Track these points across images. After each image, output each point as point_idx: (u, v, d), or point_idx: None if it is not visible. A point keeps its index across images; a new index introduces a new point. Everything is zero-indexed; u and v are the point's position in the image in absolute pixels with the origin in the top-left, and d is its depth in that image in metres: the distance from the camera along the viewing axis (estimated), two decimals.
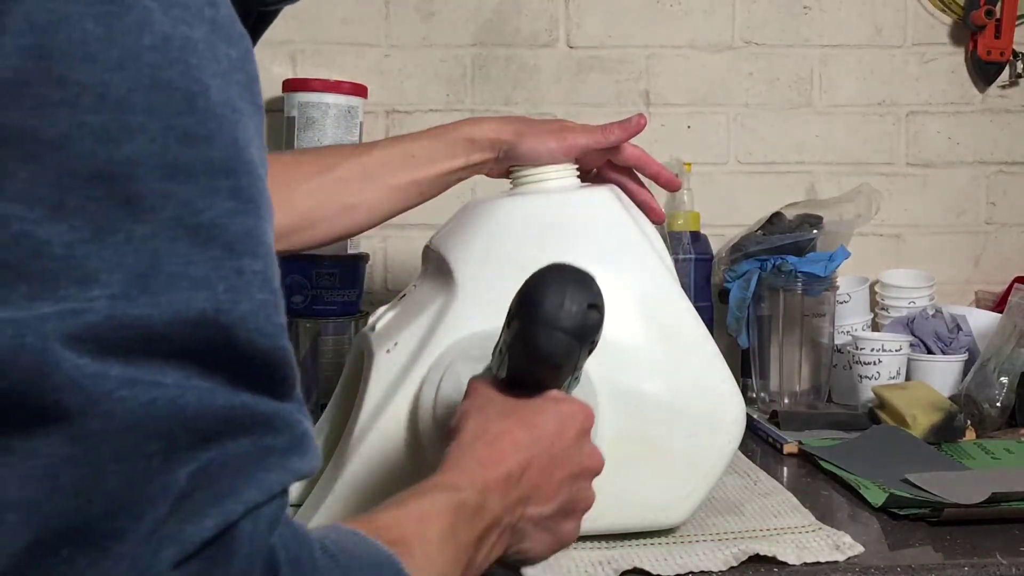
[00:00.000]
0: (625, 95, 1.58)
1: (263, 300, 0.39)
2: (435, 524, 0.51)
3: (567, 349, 0.61)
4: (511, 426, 0.60)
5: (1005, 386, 1.28)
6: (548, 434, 0.61)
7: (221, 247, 0.37)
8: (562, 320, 0.61)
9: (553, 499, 0.61)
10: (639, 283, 0.89)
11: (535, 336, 0.61)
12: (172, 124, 0.37)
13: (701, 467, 0.86)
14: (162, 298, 0.35)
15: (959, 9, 1.60)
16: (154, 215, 0.36)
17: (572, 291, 0.62)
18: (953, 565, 0.82)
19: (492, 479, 0.56)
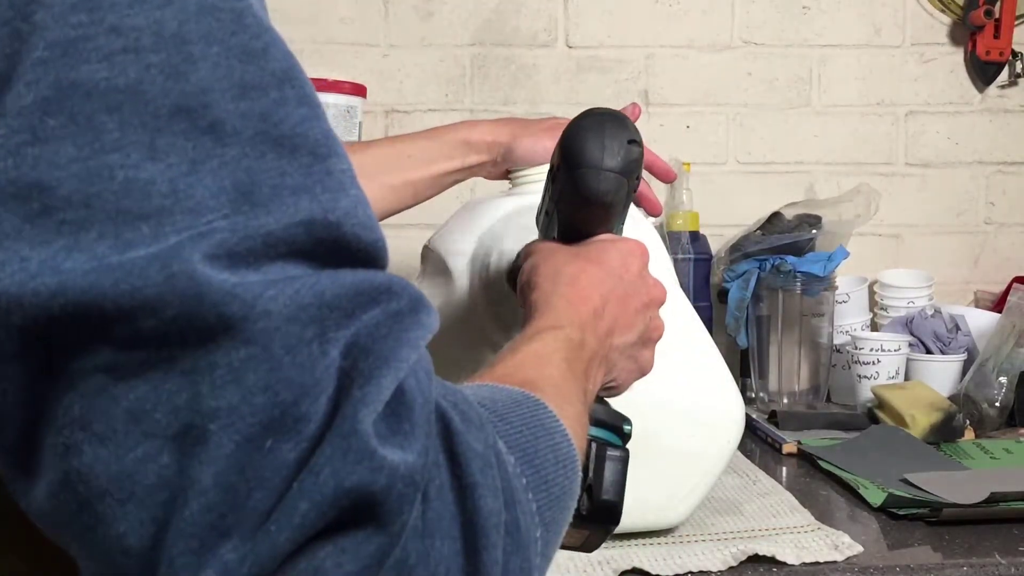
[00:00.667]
0: (624, 95, 1.58)
1: (357, 195, 0.40)
2: (553, 361, 0.54)
3: (616, 186, 0.63)
4: (584, 265, 0.63)
5: (1004, 386, 1.28)
6: (616, 269, 0.63)
7: (307, 153, 0.39)
8: (607, 159, 0.63)
9: (632, 328, 0.63)
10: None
11: (585, 178, 0.63)
12: (230, 45, 0.38)
13: (700, 467, 0.87)
14: (272, 207, 0.37)
15: (958, 9, 1.60)
16: (238, 136, 0.37)
17: (611, 130, 0.64)
18: (952, 565, 0.82)
19: (584, 315, 0.59)
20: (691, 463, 0.86)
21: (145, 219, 0.35)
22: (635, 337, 0.64)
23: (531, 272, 0.64)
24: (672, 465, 0.86)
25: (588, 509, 0.59)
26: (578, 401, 0.54)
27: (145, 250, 0.35)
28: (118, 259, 0.35)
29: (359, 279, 0.39)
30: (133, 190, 0.35)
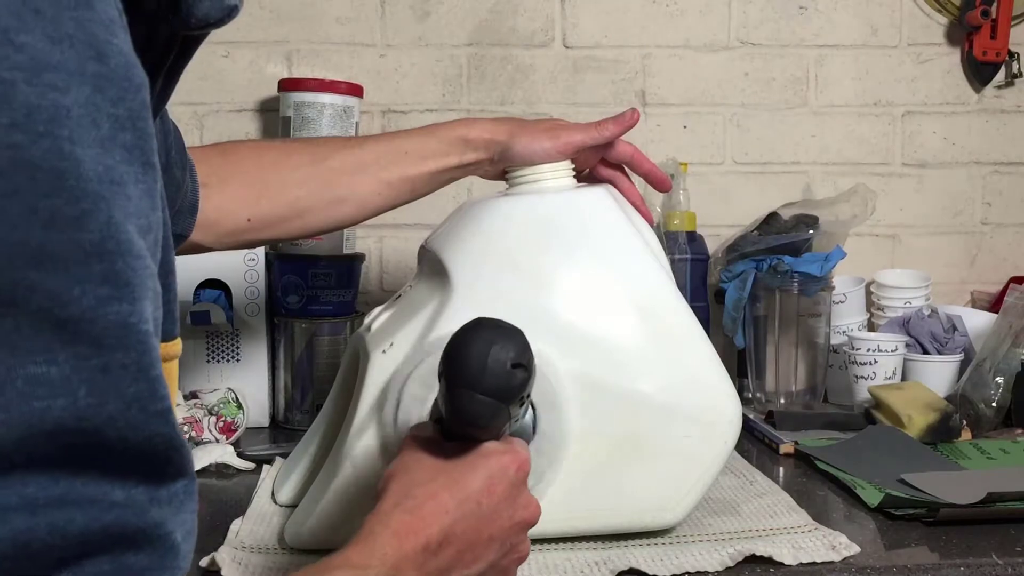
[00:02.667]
0: (621, 95, 1.58)
1: (135, 392, 0.36)
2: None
3: (492, 411, 0.60)
4: (436, 489, 0.59)
5: (1001, 386, 1.28)
6: (475, 493, 0.60)
7: (88, 343, 0.35)
8: (485, 382, 0.59)
9: (481, 558, 0.60)
10: (635, 283, 0.89)
11: (459, 399, 0.60)
12: (37, 207, 0.34)
13: (697, 467, 0.86)
14: (14, 411, 0.33)
15: (955, 9, 1.60)
16: (16, 308, 0.33)
17: (496, 351, 0.59)
18: (949, 565, 0.82)
19: (408, 551, 0.56)
20: (688, 464, 0.86)
21: None
22: (483, 566, 0.61)
23: (385, 480, 0.61)
24: (669, 466, 0.86)
25: None
26: None
27: None
28: None
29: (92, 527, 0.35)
30: None
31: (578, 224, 0.90)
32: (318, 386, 1.33)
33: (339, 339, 1.34)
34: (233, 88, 1.52)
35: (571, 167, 0.99)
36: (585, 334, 0.86)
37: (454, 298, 0.86)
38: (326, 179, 0.95)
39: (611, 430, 0.84)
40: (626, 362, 0.86)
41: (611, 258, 0.89)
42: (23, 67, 0.33)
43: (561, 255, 0.88)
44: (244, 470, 1.12)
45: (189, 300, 1.31)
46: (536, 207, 0.93)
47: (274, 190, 0.93)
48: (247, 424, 1.24)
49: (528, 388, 0.62)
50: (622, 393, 0.85)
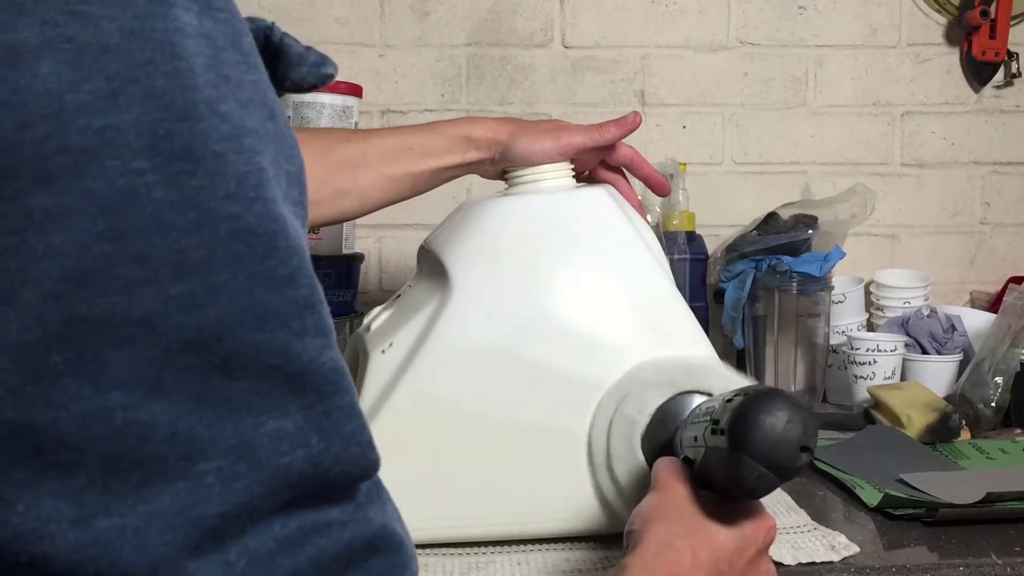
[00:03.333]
0: (620, 95, 1.58)
1: (352, 429, 0.38)
2: None
3: (769, 485, 0.59)
4: (696, 546, 0.60)
5: (1000, 386, 1.28)
6: (728, 554, 0.61)
7: (314, 392, 0.37)
8: (774, 458, 0.59)
9: None
10: (634, 284, 0.89)
11: (742, 467, 0.59)
12: (257, 272, 0.35)
13: None
14: (264, 468, 0.35)
15: (954, 9, 1.60)
16: (250, 370, 0.35)
17: (790, 429, 0.59)
18: (948, 565, 0.82)
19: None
20: None
21: (137, 467, 0.33)
22: None
23: (644, 523, 0.62)
24: None
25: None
26: None
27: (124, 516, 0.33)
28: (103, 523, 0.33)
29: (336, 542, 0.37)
30: (130, 434, 0.33)
31: (578, 224, 0.90)
32: None
33: (338, 339, 1.34)
34: None
35: (571, 168, 0.99)
36: (585, 335, 0.86)
37: (454, 298, 0.86)
38: (329, 172, 0.95)
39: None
40: (626, 363, 0.86)
41: (611, 259, 0.89)
42: (229, 136, 0.34)
43: (561, 255, 0.88)
44: None
45: None
46: (535, 207, 0.93)
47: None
48: None
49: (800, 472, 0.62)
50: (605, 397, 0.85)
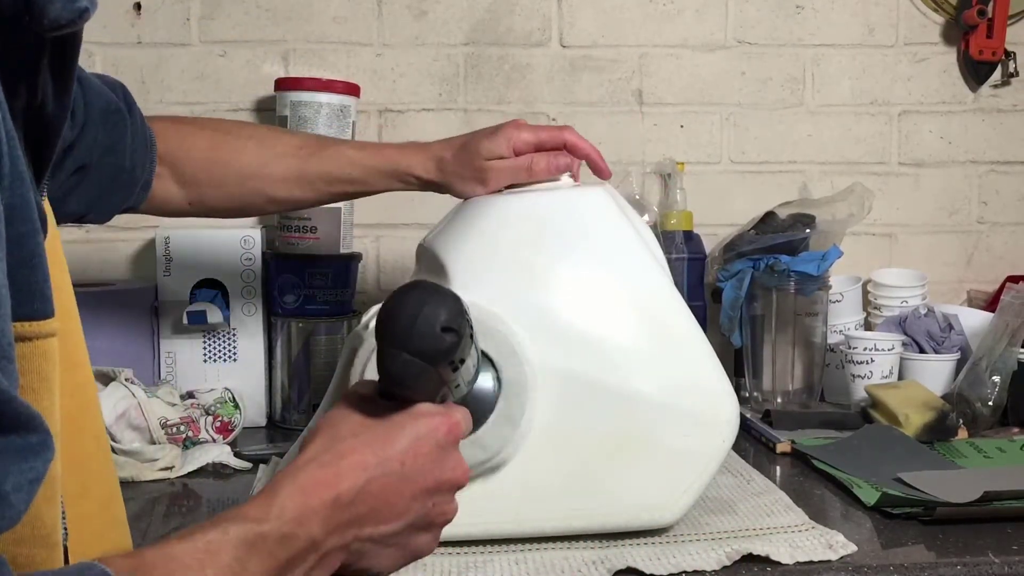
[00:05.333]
0: (618, 94, 1.58)
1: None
2: (217, 558, 0.51)
3: (418, 371, 0.60)
4: (358, 446, 0.60)
5: (997, 385, 1.28)
6: (399, 453, 0.60)
7: None
8: (412, 342, 0.59)
9: (401, 517, 0.60)
10: (633, 282, 0.89)
11: (387, 357, 0.60)
12: None
13: (695, 466, 0.87)
14: None
15: (951, 8, 1.60)
16: None
17: (427, 312, 0.60)
18: (946, 564, 0.82)
19: (315, 504, 0.56)
20: (686, 462, 0.87)
21: None
22: (401, 526, 0.60)
23: (310, 434, 0.61)
24: (667, 464, 0.86)
25: None
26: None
27: None
28: None
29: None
30: None
31: (577, 223, 0.90)
32: (315, 385, 1.33)
33: (336, 338, 1.34)
34: (230, 88, 1.52)
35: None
36: (583, 333, 0.86)
37: None
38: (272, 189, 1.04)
39: (609, 429, 0.85)
40: (625, 361, 0.86)
41: (610, 258, 0.89)
42: None
43: (559, 254, 0.88)
44: (241, 470, 1.11)
45: (186, 300, 1.31)
46: (534, 206, 0.93)
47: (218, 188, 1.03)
48: (244, 424, 1.24)
49: (459, 353, 0.62)
50: (620, 392, 0.85)
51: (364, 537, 0.59)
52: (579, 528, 0.86)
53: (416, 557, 0.64)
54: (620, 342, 0.86)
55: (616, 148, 1.57)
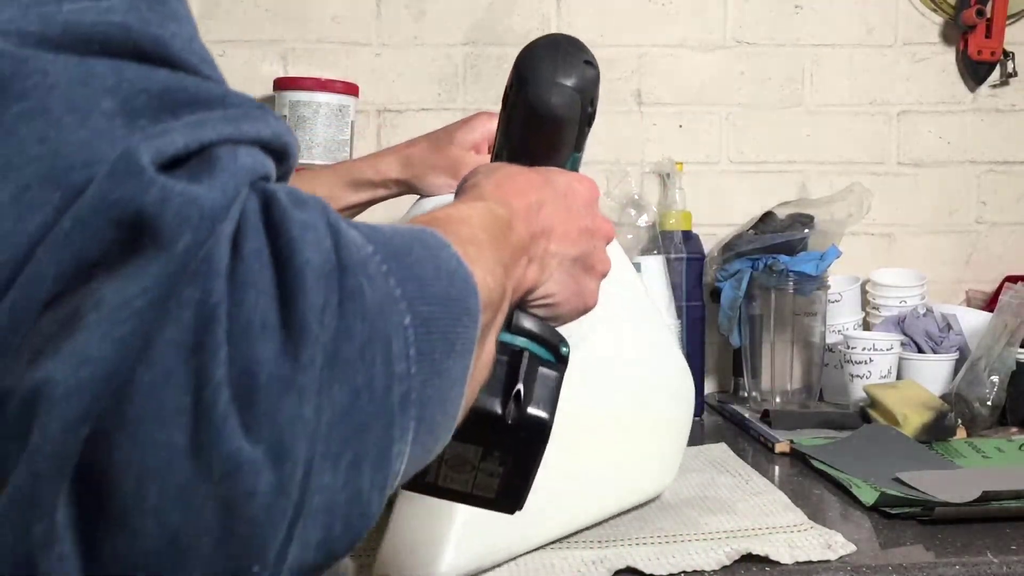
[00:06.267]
0: (617, 94, 1.58)
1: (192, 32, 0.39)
2: (470, 224, 0.48)
3: (569, 100, 0.62)
4: (527, 172, 0.59)
5: (996, 385, 1.28)
6: (561, 188, 0.59)
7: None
8: (560, 74, 0.62)
9: (574, 243, 0.58)
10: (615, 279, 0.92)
11: (538, 93, 0.62)
12: None
13: (680, 432, 0.99)
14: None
15: (950, 8, 1.60)
16: None
17: (565, 48, 0.63)
18: (944, 564, 0.82)
19: (517, 205, 0.54)
20: (674, 429, 0.97)
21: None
22: (576, 252, 0.58)
23: (469, 177, 0.59)
24: (662, 433, 0.96)
25: (515, 418, 0.52)
26: (498, 269, 0.47)
27: None
28: None
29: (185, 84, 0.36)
30: None
31: None
32: None
33: None
34: None
35: None
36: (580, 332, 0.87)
37: None
38: None
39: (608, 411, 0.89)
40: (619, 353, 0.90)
41: None
42: None
43: None
44: None
45: None
46: None
47: None
48: None
49: (597, 89, 0.65)
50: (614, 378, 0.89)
51: (552, 253, 0.56)
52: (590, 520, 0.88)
53: (586, 303, 0.60)
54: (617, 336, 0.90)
55: (615, 148, 1.57)
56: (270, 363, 0.33)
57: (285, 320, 0.33)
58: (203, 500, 0.32)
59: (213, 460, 0.32)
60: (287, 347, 0.33)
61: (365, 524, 0.36)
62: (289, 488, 0.33)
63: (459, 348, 0.41)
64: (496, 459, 0.53)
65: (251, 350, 0.33)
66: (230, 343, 0.32)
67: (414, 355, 0.38)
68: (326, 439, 0.34)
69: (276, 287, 0.34)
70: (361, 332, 0.35)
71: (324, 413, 0.34)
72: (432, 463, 0.48)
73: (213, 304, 0.32)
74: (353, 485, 0.35)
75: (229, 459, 0.32)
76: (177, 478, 0.32)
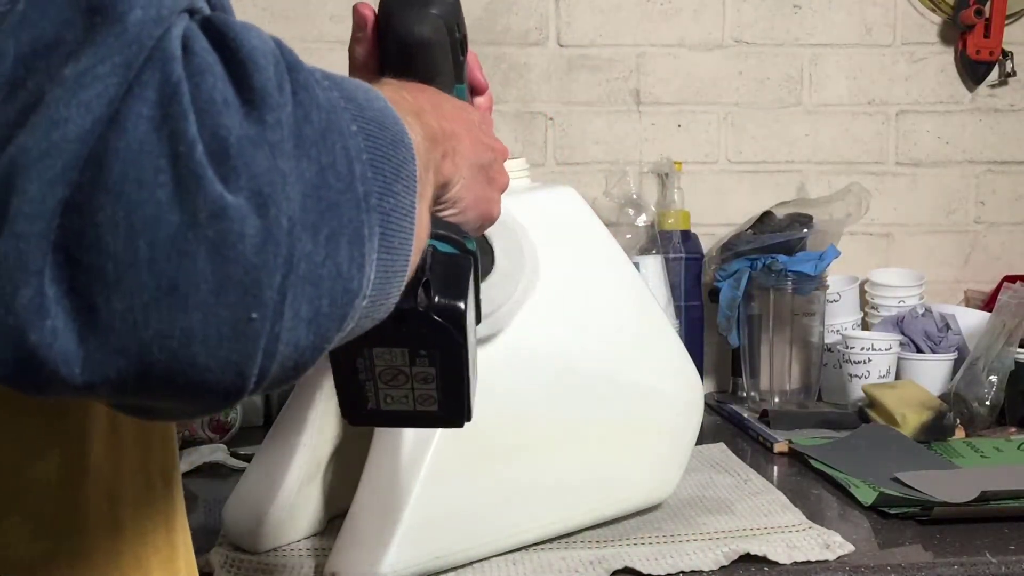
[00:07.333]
0: (615, 94, 1.58)
1: None
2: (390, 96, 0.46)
3: (434, 25, 0.63)
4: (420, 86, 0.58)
5: (994, 385, 1.28)
6: (457, 103, 0.60)
7: None
8: (421, 1, 0.62)
9: (476, 152, 0.58)
10: (611, 278, 0.91)
11: (403, 22, 0.62)
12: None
13: (683, 442, 0.95)
14: None
15: (948, 8, 1.60)
16: None
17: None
18: (943, 564, 0.82)
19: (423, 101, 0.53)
20: (676, 439, 0.94)
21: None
22: (481, 160, 0.58)
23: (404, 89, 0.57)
24: (663, 442, 0.92)
25: (425, 305, 0.52)
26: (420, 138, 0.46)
27: None
28: None
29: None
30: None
31: (548, 224, 0.89)
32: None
33: None
34: None
35: (527, 166, 0.98)
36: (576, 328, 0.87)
37: None
38: None
39: (608, 418, 0.87)
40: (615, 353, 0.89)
41: (587, 256, 0.91)
42: None
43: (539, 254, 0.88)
44: (237, 469, 1.11)
45: None
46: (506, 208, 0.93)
47: None
48: (240, 423, 1.24)
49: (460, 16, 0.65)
50: (616, 381, 0.88)
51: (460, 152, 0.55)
52: (584, 523, 0.87)
53: (491, 212, 0.60)
54: (613, 338, 0.89)
55: (613, 147, 1.57)
56: (237, 127, 0.34)
57: (243, 95, 0.35)
58: (195, 246, 0.33)
59: (198, 205, 0.33)
60: (251, 114, 0.34)
61: (348, 301, 0.37)
62: (276, 234, 0.34)
63: (403, 176, 0.41)
64: (425, 360, 0.54)
65: (218, 119, 0.34)
66: (196, 114, 0.33)
67: (367, 160, 0.39)
68: (302, 206, 0.35)
69: (228, 73, 0.35)
70: (318, 120, 0.37)
71: (296, 180, 0.35)
72: (367, 387, 0.51)
73: (174, 82, 0.33)
74: (333, 260, 0.36)
75: (213, 203, 0.33)
76: (166, 229, 0.33)
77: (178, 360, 0.34)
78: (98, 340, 0.33)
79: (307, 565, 0.82)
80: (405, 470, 0.78)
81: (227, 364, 0.34)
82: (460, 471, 0.79)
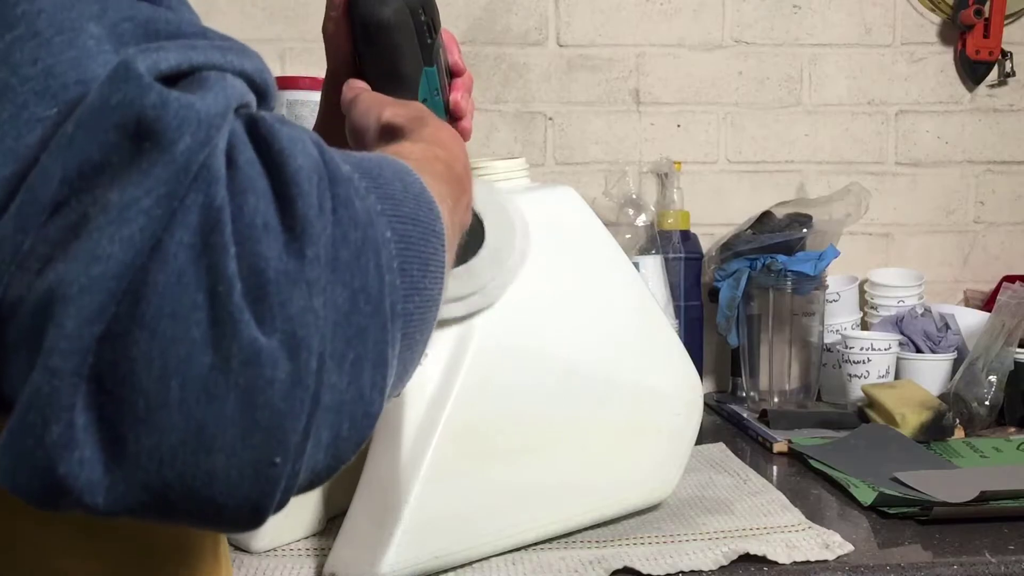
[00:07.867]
0: (615, 94, 1.58)
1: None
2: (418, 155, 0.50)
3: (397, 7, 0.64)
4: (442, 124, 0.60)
5: (994, 385, 1.28)
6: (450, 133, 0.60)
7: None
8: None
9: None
10: (611, 277, 0.91)
11: (367, 6, 0.64)
12: None
13: (684, 440, 0.94)
14: None
15: (948, 8, 1.60)
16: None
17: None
18: (942, 564, 0.82)
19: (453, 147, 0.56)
20: (675, 439, 0.93)
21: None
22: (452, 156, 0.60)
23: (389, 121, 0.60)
24: (664, 442, 0.92)
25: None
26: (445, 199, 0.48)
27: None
28: None
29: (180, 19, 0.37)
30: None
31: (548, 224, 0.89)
32: None
33: None
34: None
35: (526, 166, 0.98)
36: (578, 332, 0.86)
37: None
38: None
39: (609, 418, 0.87)
40: (617, 355, 0.89)
41: (588, 254, 0.91)
42: None
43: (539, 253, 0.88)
44: None
45: None
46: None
47: None
48: None
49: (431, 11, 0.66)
50: (616, 381, 0.87)
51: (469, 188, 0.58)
52: (584, 523, 0.87)
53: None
54: (607, 335, 0.89)
55: (613, 147, 1.57)
56: (276, 260, 0.34)
57: (285, 222, 0.35)
58: (225, 390, 0.33)
59: (232, 351, 0.33)
60: (291, 245, 0.35)
61: (368, 424, 0.38)
62: (306, 378, 0.34)
63: (432, 268, 0.42)
64: None
65: (257, 248, 0.34)
66: (236, 243, 0.33)
67: (397, 268, 0.39)
68: (332, 337, 0.35)
69: (273, 192, 0.35)
70: (355, 239, 0.37)
71: (329, 312, 0.35)
72: None
73: (217, 207, 0.33)
74: (356, 385, 0.37)
75: (247, 348, 0.33)
76: (198, 370, 0.33)
77: (198, 498, 0.34)
78: (124, 473, 0.33)
79: (306, 565, 0.82)
80: (404, 470, 0.78)
81: (245, 502, 0.35)
82: (459, 471, 0.79)
